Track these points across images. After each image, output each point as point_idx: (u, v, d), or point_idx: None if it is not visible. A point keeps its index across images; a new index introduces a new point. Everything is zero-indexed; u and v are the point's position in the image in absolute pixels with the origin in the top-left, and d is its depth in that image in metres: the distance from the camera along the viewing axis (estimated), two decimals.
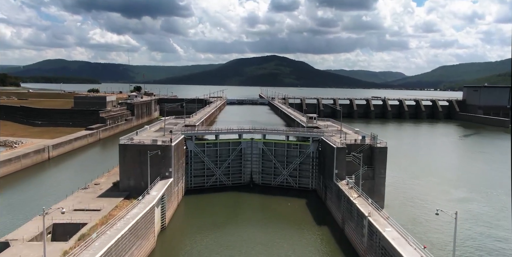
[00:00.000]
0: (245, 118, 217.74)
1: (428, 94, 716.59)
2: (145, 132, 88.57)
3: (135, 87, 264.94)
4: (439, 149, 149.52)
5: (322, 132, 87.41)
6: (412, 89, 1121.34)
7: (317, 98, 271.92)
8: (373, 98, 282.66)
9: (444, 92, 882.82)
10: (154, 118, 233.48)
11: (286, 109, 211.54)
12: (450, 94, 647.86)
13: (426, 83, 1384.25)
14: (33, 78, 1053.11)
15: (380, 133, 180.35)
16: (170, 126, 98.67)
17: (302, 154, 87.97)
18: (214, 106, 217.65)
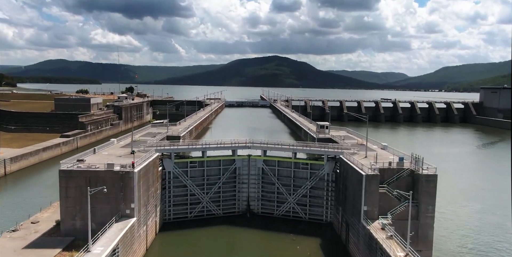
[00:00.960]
0: (244, 123, 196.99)
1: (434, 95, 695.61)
2: (109, 148, 67.81)
3: (127, 87, 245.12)
4: (470, 162, 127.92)
5: (340, 149, 66.46)
6: (416, 90, 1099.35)
7: (323, 100, 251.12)
8: (383, 100, 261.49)
9: (449, 93, 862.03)
10: (146, 122, 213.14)
11: (290, 113, 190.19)
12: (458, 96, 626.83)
13: (429, 84, 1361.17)
14: (32, 78, 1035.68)
15: (392, 140, 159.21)
16: (146, 138, 77.96)
17: (313, 176, 67.19)
18: (209, 110, 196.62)
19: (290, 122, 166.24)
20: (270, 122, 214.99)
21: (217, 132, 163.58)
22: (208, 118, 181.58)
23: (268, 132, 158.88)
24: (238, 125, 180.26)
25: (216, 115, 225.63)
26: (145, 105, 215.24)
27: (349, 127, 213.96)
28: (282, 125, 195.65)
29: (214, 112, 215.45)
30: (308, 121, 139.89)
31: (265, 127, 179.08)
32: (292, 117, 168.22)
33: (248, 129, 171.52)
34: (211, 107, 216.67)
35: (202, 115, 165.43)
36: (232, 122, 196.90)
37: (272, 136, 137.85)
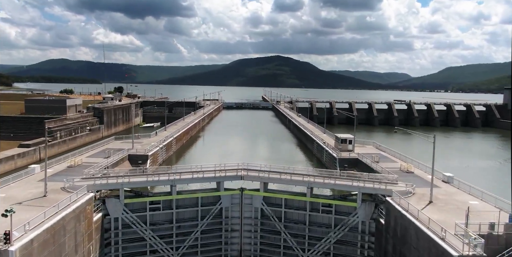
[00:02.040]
0: (242, 129, 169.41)
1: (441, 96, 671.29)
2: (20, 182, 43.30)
3: (116, 87, 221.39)
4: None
5: (382, 182, 42.00)
6: (421, 90, 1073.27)
7: (330, 101, 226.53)
8: (396, 101, 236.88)
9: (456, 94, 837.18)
10: (135, 125, 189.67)
11: (297, 119, 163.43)
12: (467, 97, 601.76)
13: (433, 85, 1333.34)
14: (32, 78, 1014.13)
15: (410, 148, 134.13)
16: (94, 160, 53.68)
17: (341, 224, 43.04)
18: (200, 114, 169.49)
19: (298, 130, 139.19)
20: (273, 128, 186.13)
21: (207, 144, 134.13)
22: (198, 124, 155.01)
23: (270, 143, 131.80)
24: (235, 133, 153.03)
25: (210, 119, 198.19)
26: (134, 107, 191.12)
27: (360, 132, 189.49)
28: (287, 132, 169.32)
29: (208, 116, 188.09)
30: (320, 130, 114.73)
31: (266, 135, 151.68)
32: (299, 123, 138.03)
33: (246, 138, 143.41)
34: (204, 110, 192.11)
35: (190, 121, 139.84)
36: (228, 129, 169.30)
37: (275, 150, 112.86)
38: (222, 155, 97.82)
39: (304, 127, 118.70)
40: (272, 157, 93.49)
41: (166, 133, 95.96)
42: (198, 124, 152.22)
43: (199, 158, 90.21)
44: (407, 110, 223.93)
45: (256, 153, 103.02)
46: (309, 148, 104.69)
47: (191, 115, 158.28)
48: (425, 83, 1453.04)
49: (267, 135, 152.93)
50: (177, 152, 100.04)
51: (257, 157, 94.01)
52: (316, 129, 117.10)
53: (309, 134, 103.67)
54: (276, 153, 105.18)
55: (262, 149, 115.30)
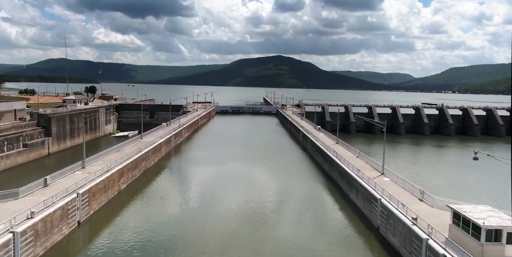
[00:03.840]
0: (234, 150, 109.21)
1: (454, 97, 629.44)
2: None
3: (88, 87, 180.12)
4: None
5: None
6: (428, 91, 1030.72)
7: (346, 105, 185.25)
8: (425, 105, 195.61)
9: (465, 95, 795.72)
10: (107, 135, 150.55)
11: (319, 136, 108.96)
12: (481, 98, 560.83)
13: (438, 86, 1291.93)
14: (28, 77, 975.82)
15: (459, 174, 69.79)
16: None
17: None
18: (172, 129, 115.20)
19: (324, 157, 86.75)
20: (279, 144, 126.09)
21: (173, 184, 74.62)
22: (168, 143, 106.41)
23: (281, 185, 75.47)
24: (225, 156, 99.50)
25: (194, 131, 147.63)
26: (103, 112, 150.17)
27: (403, 144, 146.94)
28: (301, 154, 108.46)
29: (189, 128, 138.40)
30: (352, 152, 72.17)
31: (271, 160, 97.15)
32: (338, 156, 77.33)
33: (241, 170, 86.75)
34: (188, 117, 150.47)
35: (153, 139, 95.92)
36: (216, 149, 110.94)
37: (293, 203, 62.72)
38: (200, 211, 56.59)
39: (350, 167, 65.21)
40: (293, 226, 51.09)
41: (99, 167, 54.33)
42: (168, 143, 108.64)
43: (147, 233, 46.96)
44: (439, 116, 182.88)
45: (260, 209, 56.63)
46: (351, 200, 61.41)
47: (162, 128, 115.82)
48: (428, 83, 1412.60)
49: (270, 156, 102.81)
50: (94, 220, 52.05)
51: (264, 219, 52.25)
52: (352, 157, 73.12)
53: (355, 177, 58.08)
54: (298, 213, 57.09)
55: (269, 196, 64.58)
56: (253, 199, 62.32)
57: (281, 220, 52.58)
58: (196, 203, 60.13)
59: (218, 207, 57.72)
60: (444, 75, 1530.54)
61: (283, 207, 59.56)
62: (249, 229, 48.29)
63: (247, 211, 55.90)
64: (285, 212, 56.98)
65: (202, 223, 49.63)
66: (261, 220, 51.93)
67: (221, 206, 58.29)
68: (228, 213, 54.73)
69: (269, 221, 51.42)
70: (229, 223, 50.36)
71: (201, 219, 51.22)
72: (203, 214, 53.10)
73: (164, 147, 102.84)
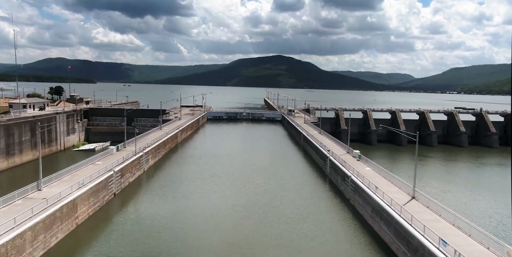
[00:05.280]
0: (224, 200, 60.41)
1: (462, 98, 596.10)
2: None
3: (52, 87, 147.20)
4: None
5: None
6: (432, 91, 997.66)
7: (364, 109, 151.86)
8: (459, 109, 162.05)
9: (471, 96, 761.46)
10: (67, 148, 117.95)
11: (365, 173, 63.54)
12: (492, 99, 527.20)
13: (439, 86, 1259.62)
14: (24, 77, 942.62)
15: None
16: None
17: None
18: (115, 162, 65.25)
19: (379, 214, 48.78)
20: (298, 181, 75.99)
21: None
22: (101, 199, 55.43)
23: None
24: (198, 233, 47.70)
25: (167, 154, 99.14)
26: (64, 119, 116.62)
27: (434, 159, 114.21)
28: (331, 195, 66.57)
29: (157, 151, 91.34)
30: None
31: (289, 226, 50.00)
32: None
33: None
34: (160, 133, 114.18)
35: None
36: (184, 210, 56.00)
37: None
38: None
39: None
40: None
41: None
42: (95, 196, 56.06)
43: None
44: (477, 123, 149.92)
45: None
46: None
47: (109, 155, 76.74)
48: (429, 84, 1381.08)
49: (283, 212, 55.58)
50: None
51: None
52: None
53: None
54: None
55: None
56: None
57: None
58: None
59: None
60: (445, 75, 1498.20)
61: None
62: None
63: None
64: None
65: None
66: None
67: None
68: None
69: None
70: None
71: None
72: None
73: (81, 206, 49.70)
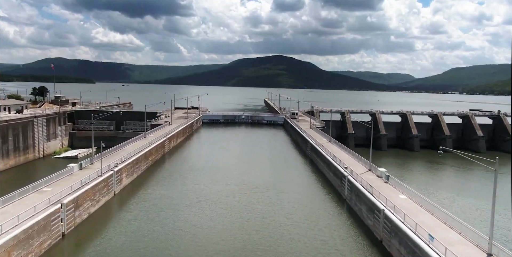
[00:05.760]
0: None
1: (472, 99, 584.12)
2: None
3: (35, 88, 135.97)
4: None
5: None
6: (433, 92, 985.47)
7: (373, 111, 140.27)
8: (474, 112, 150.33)
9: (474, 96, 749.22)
10: (46, 156, 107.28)
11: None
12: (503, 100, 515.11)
13: (440, 86, 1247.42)
14: (22, 77, 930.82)
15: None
16: None
17: None
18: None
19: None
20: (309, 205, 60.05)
21: None
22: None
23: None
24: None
25: (154, 164, 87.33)
26: (43, 123, 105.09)
27: (428, 166, 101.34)
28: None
29: (135, 165, 75.22)
30: None
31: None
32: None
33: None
34: (147, 139, 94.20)
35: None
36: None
37: None
38: None
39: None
40: None
41: None
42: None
43: None
44: (494, 127, 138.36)
45: None
46: None
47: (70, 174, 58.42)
48: (430, 84, 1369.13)
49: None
50: None
51: None
52: None
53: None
54: None
55: None
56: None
57: None
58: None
59: None
60: (446, 76, 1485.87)
61: None
62: None
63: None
64: None
65: None
66: None
67: None
68: None
69: None
70: None
71: None
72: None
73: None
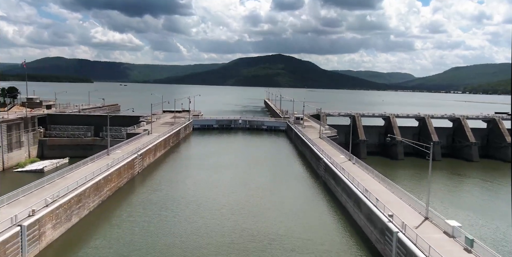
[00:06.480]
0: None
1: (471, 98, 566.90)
2: None
3: (5, 88, 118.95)
4: None
5: None
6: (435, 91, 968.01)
7: (387, 115, 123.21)
8: (502, 115, 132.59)
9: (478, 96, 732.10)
10: (8, 169, 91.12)
11: None
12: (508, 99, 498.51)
13: (441, 86, 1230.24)
14: (20, 76, 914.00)
15: None
16: None
17: None
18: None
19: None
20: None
21: None
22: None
23: None
24: None
25: (114, 195, 59.33)
26: (1, 130, 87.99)
27: (449, 179, 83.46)
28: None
29: (99, 189, 53.35)
30: None
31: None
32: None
33: None
34: (110, 158, 64.65)
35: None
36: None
37: None
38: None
39: None
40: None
41: None
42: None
43: None
44: None
45: None
46: None
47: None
48: (430, 83, 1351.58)
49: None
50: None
51: None
52: None
53: None
54: None
55: None
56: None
57: None
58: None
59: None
60: (446, 75, 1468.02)
61: None
62: None
63: None
64: None
65: None
66: None
67: None
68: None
69: None
70: None
71: None
72: None
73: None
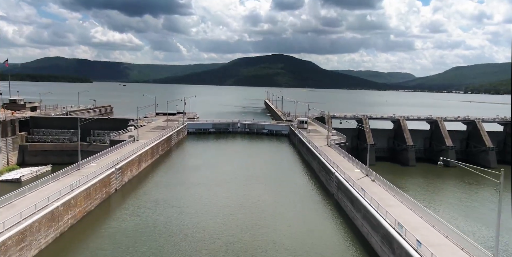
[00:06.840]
0: None
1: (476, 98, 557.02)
2: None
3: None
4: None
5: None
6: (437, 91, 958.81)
7: (396, 117, 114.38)
8: None
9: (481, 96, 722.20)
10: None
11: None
12: None
13: (441, 85, 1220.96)
14: (17, 76, 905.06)
15: None
16: None
17: None
18: None
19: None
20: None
21: None
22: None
23: None
24: None
25: (83, 220, 45.98)
26: None
27: (461, 188, 73.59)
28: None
29: (55, 219, 39.04)
30: None
31: None
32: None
33: None
34: (80, 175, 49.53)
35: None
36: None
37: None
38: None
39: None
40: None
41: None
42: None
43: None
44: None
45: None
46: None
47: None
48: (431, 83, 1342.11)
49: None
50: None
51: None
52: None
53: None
54: None
55: None
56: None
57: None
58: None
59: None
60: (447, 74, 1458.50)
61: None
62: None
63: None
64: None
65: None
66: None
67: None
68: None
69: None
70: None
71: None
72: None
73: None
